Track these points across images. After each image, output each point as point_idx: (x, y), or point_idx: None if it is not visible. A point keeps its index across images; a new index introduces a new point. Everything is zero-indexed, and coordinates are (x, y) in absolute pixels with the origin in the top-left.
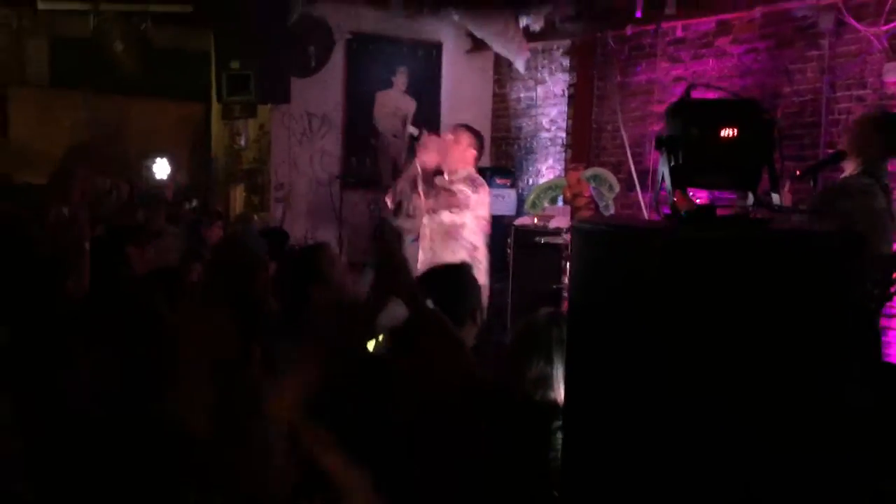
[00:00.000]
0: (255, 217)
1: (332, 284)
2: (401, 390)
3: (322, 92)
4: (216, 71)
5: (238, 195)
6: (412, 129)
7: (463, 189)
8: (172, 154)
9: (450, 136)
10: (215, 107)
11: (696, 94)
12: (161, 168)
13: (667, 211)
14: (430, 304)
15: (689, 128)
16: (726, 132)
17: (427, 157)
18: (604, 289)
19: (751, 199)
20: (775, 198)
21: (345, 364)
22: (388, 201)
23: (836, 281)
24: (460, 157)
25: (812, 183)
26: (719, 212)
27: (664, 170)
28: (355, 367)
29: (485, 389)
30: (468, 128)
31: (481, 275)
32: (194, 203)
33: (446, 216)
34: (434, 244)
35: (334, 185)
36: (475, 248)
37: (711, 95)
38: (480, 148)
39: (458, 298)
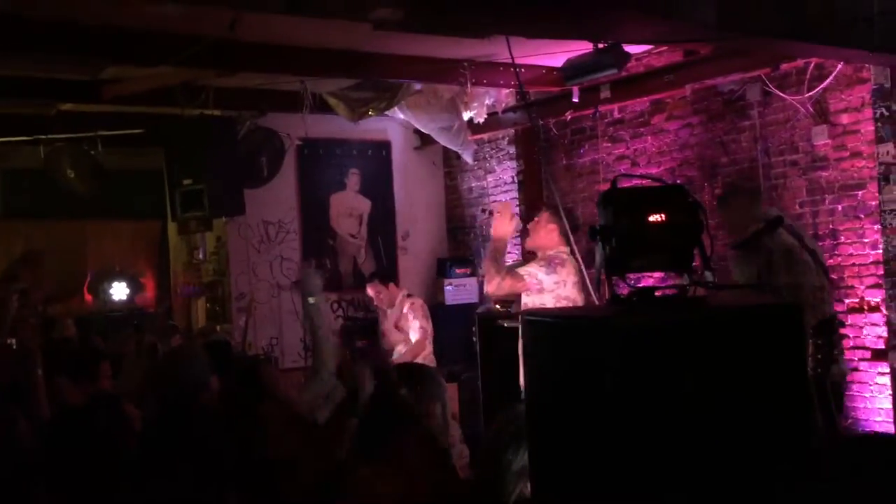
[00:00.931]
0: (218, 328)
1: (279, 399)
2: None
3: (276, 199)
4: (169, 189)
5: (200, 308)
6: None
7: (531, 272)
8: (131, 274)
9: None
10: (171, 224)
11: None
12: (119, 290)
13: (606, 296)
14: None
15: (620, 216)
16: (655, 217)
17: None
18: (553, 378)
19: (686, 278)
20: (707, 275)
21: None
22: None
23: (778, 351)
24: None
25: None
26: (658, 293)
27: (600, 257)
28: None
29: (464, 494)
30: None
31: None
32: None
33: (525, 298)
34: None
35: (295, 290)
36: None
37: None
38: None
39: (432, 395)
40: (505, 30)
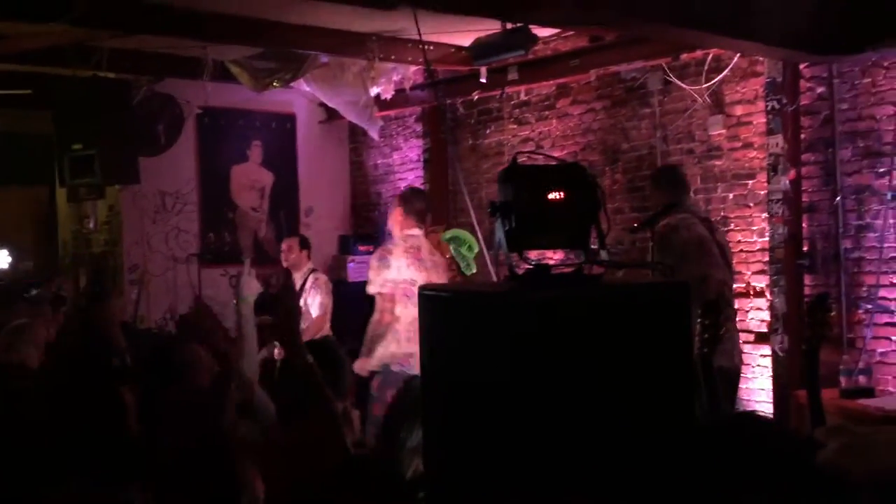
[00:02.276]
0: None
1: (189, 385)
2: (277, 469)
3: (175, 169)
4: (58, 153)
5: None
6: None
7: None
8: (14, 241)
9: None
10: (60, 190)
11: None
12: (1, 258)
13: (505, 273)
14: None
15: (520, 193)
16: (554, 195)
17: None
18: (451, 352)
19: (581, 256)
20: (603, 254)
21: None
22: None
23: (666, 328)
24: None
25: (649, 233)
26: (555, 270)
27: (500, 234)
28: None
29: (359, 465)
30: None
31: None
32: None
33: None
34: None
35: (192, 262)
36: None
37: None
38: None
39: (336, 374)
40: (412, 2)
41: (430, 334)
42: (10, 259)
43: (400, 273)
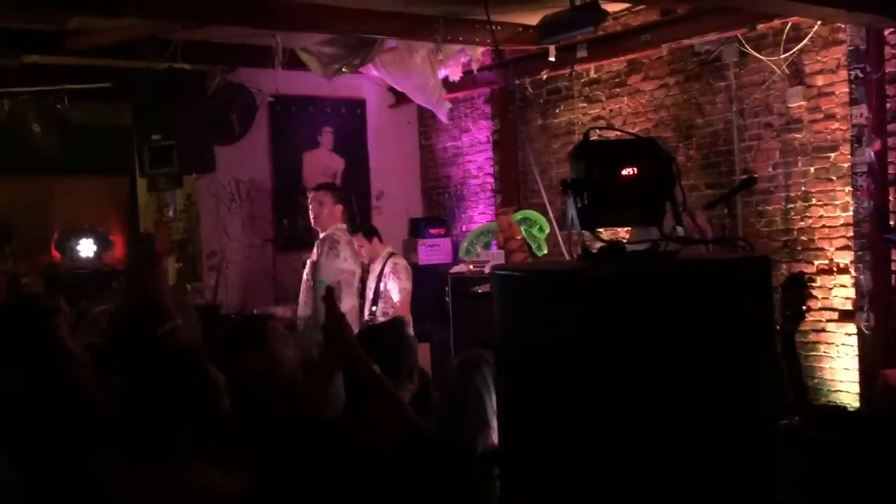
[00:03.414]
0: (188, 287)
1: (269, 355)
2: (344, 453)
3: (248, 157)
4: (137, 144)
5: (170, 266)
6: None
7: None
8: (99, 231)
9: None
10: (140, 180)
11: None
12: (86, 248)
13: (578, 251)
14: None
15: (592, 169)
16: (627, 171)
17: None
18: (525, 331)
19: (657, 232)
20: (679, 230)
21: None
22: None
23: (747, 305)
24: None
25: (725, 209)
26: (629, 248)
27: (572, 212)
28: (301, 434)
29: (426, 444)
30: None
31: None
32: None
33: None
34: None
35: (267, 248)
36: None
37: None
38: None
39: (398, 357)
40: None
41: (505, 314)
42: (94, 248)
43: (346, 263)
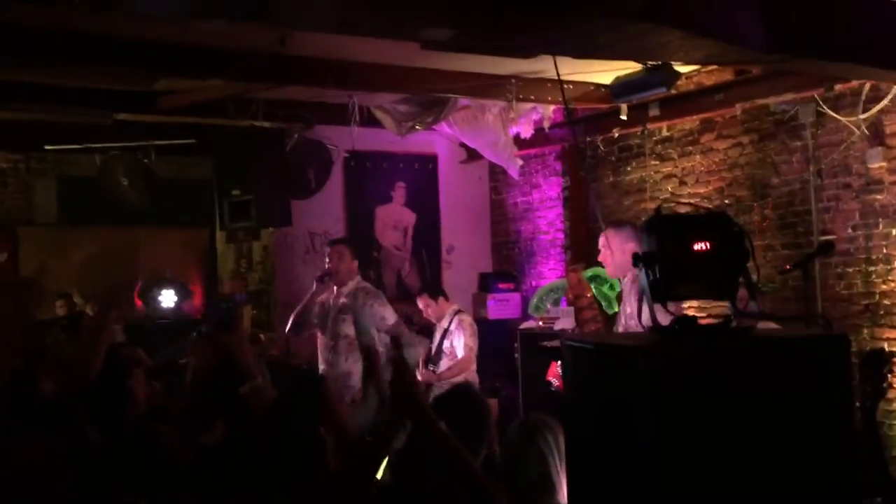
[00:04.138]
0: (262, 336)
1: (334, 421)
2: None
3: (323, 210)
4: (218, 198)
5: (245, 315)
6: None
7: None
8: (180, 281)
9: None
10: (220, 232)
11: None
12: (167, 298)
13: (650, 325)
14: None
15: (664, 243)
16: (699, 246)
17: None
18: (593, 404)
19: (730, 308)
20: (753, 305)
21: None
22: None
23: (824, 384)
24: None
25: (803, 273)
26: (702, 321)
27: (644, 284)
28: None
29: None
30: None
31: None
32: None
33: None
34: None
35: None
36: None
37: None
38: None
39: (474, 424)
40: (551, 51)
41: (575, 385)
42: (175, 298)
43: (388, 312)
